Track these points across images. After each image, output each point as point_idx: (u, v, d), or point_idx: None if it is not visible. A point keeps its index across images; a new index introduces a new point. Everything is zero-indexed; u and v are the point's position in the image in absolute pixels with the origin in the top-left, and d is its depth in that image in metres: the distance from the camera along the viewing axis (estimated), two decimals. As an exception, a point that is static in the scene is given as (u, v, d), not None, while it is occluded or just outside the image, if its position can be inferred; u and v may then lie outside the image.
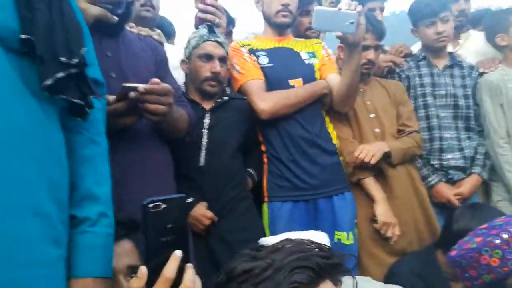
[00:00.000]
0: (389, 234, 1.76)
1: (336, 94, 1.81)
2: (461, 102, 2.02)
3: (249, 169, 1.81)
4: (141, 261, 0.85)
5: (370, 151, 1.80)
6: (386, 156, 1.85)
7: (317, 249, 0.70)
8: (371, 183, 1.84)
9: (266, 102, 1.73)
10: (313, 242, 0.70)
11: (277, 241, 0.73)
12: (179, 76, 1.79)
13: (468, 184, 1.94)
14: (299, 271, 0.65)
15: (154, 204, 0.67)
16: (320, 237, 1.37)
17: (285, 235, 1.29)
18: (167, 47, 1.98)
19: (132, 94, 1.09)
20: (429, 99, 2.03)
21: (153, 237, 0.67)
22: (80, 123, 0.82)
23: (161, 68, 1.44)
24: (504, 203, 1.93)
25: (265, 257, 0.70)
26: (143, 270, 0.66)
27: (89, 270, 0.76)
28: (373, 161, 1.80)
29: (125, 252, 0.93)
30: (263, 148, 1.85)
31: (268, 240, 1.11)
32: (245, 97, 1.78)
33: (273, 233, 1.64)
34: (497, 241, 0.90)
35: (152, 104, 1.13)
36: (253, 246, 0.75)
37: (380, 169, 1.86)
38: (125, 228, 0.94)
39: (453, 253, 0.97)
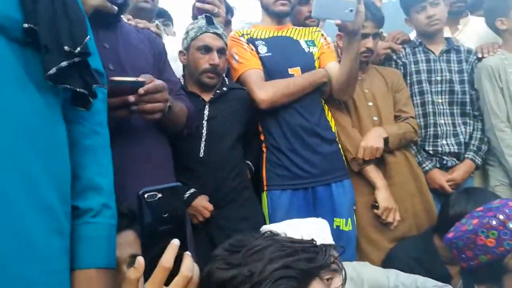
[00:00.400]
0: (389, 219, 1.78)
1: (336, 82, 1.82)
2: (457, 87, 2.02)
3: (246, 161, 1.83)
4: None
5: (373, 148, 1.82)
6: (385, 142, 1.86)
7: (300, 250, 0.64)
8: (372, 170, 1.85)
9: (265, 92, 1.74)
10: (294, 241, 0.65)
11: (255, 241, 0.67)
12: (178, 68, 1.79)
13: (461, 170, 1.96)
14: (283, 282, 0.60)
15: (150, 193, 0.67)
16: (321, 224, 1.39)
17: (287, 223, 1.32)
18: (166, 38, 1.98)
19: (132, 98, 1.07)
20: (425, 86, 2.04)
21: (150, 226, 0.66)
22: (82, 114, 0.81)
23: (160, 61, 1.43)
24: (502, 187, 1.94)
25: (244, 263, 0.64)
26: (140, 260, 0.65)
27: (92, 261, 0.76)
28: (378, 155, 1.82)
29: (128, 242, 0.94)
30: (262, 137, 1.86)
31: (269, 228, 1.13)
32: (244, 87, 1.79)
33: (273, 221, 1.66)
34: (493, 222, 0.91)
35: (148, 104, 1.11)
36: (229, 245, 0.70)
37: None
38: (127, 219, 0.95)
39: (450, 235, 0.99)
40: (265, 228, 1.35)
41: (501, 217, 0.91)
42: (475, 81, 2.08)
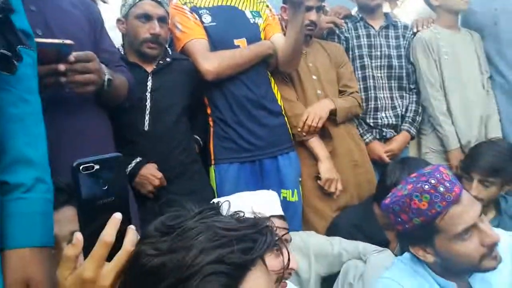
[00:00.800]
0: (332, 189, 1.84)
1: (281, 54, 1.81)
2: (395, 62, 2.10)
3: (194, 135, 1.80)
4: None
5: (317, 115, 1.85)
6: (331, 115, 1.90)
7: (235, 240, 0.57)
8: (315, 142, 1.88)
9: (211, 63, 1.69)
10: (230, 228, 0.59)
11: (189, 221, 0.61)
12: (116, 37, 1.69)
13: (398, 141, 2.06)
14: (213, 278, 0.55)
15: (85, 165, 0.61)
16: (271, 196, 1.41)
17: (237, 196, 1.32)
18: (102, 5, 1.85)
19: (62, 66, 0.99)
20: (366, 61, 2.10)
21: (88, 200, 0.62)
22: (7, 79, 0.73)
23: (96, 29, 1.32)
24: (432, 154, 2.08)
25: (173, 249, 0.57)
26: (77, 236, 0.61)
27: (25, 240, 0.70)
28: (320, 124, 1.85)
29: (67, 218, 0.89)
30: (208, 111, 1.83)
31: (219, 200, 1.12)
32: (189, 58, 1.73)
33: (222, 195, 1.66)
34: (426, 187, 0.97)
35: (79, 75, 1.04)
36: (162, 223, 0.63)
37: (323, 128, 1.92)
38: (66, 194, 0.89)
39: (387, 201, 1.04)
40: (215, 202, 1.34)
41: (432, 181, 0.96)
42: (411, 53, 2.17)
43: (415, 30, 2.20)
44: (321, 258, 1.54)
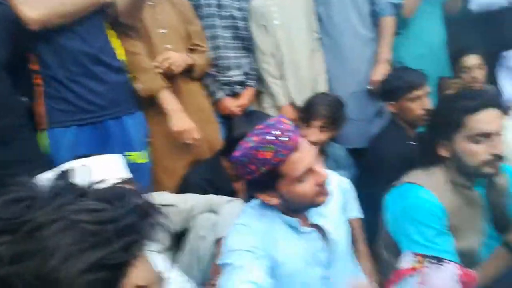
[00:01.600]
0: (189, 140, 1.79)
1: (121, 3, 1.65)
2: (240, 24, 2.16)
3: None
4: None
5: (177, 61, 1.79)
6: (185, 70, 1.86)
7: (113, 237, 0.46)
8: (165, 96, 1.78)
9: (35, 9, 1.46)
10: (103, 220, 0.46)
11: (35, 212, 0.45)
12: None
13: (246, 96, 2.17)
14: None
15: None
16: (114, 161, 1.32)
17: (77, 162, 1.20)
18: None
19: None
20: (215, 20, 2.09)
21: None
22: None
23: None
24: (270, 109, 2.24)
25: (27, 254, 0.43)
26: None
27: None
28: (177, 70, 1.80)
29: None
30: (35, 67, 1.59)
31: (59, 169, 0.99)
32: (6, 2, 1.45)
33: (58, 163, 1.49)
34: (270, 138, 1.04)
35: None
36: (19, 193, 0.48)
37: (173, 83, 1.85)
38: None
39: (236, 153, 1.08)
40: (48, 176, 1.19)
41: (275, 132, 1.04)
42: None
43: None
44: (175, 215, 1.55)
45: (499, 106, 1.32)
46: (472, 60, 2.33)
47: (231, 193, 1.66)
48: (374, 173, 1.85)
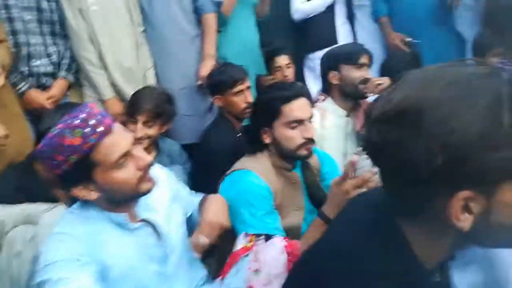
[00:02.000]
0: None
1: None
2: (44, 5, 1.91)
3: None
4: None
5: None
6: None
7: None
8: None
9: None
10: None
11: None
12: None
13: (57, 88, 1.94)
14: None
15: None
16: None
17: None
18: None
19: None
20: (12, 0, 1.79)
21: None
22: None
23: None
24: (92, 100, 2.01)
25: None
26: None
27: None
28: None
29: None
30: None
31: None
32: None
33: None
34: (77, 122, 0.93)
35: None
36: None
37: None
38: None
39: (39, 146, 0.93)
40: None
41: (82, 115, 0.93)
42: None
43: None
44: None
45: (308, 96, 1.49)
46: (283, 60, 2.59)
47: (51, 200, 1.46)
48: (207, 166, 1.88)
